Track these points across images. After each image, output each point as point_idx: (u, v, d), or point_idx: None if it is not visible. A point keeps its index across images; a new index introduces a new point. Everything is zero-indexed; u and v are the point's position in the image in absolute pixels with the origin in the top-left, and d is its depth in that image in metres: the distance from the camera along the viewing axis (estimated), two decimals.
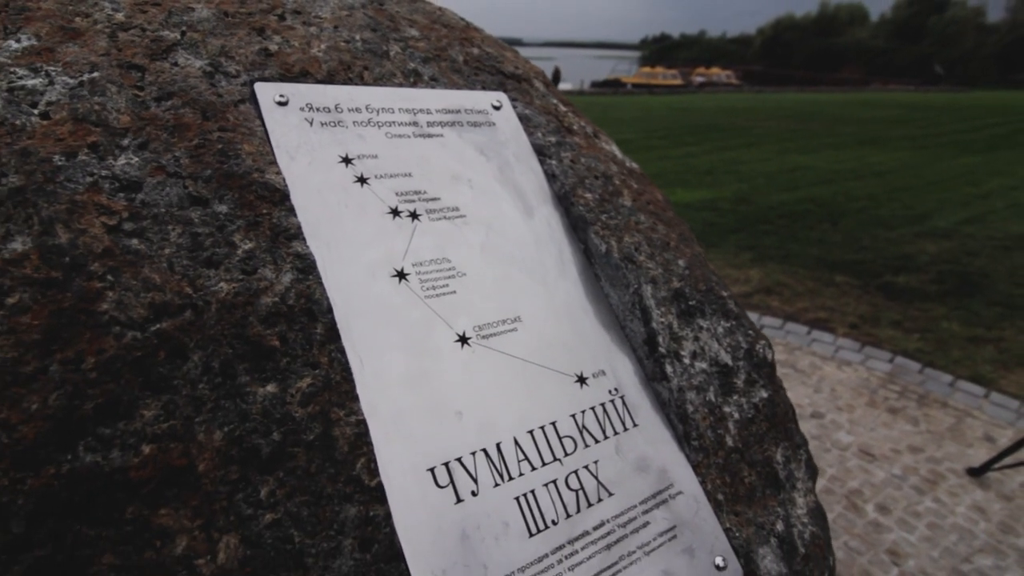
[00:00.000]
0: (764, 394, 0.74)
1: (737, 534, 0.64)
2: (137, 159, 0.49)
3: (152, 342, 0.43)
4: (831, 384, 3.90)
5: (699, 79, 41.79)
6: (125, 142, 0.50)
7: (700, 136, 14.55)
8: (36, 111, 0.49)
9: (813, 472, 0.79)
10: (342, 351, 0.50)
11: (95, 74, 0.53)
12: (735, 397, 0.71)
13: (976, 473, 3.11)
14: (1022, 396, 3.82)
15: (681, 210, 8.64)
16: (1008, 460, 3.01)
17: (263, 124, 0.59)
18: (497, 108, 0.78)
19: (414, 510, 0.48)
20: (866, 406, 3.69)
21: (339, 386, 0.48)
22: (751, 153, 12.65)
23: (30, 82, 0.50)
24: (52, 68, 0.52)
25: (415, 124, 0.69)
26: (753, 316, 4.73)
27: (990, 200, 9.06)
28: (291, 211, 0.54)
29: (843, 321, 4.90)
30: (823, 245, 6.89)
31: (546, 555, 0.52)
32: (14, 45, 0.53)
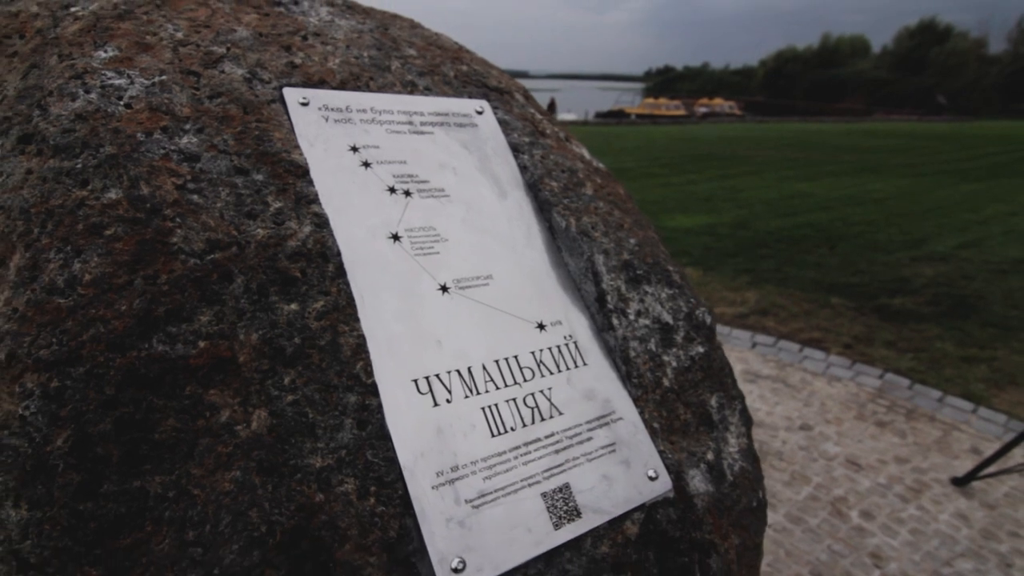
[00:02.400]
0: (701, 349, 0.88)
1: (670, 456, 0.77)
2: (196, 139, 0.65)
3: (208, 267, 0.58)
4: (821, 398, 3.99)
5: (702, 110, 42.42)
6: (187, 127, 0.66)
7: (701, 164, 14.76)
8: (122, 102, 0.65)
9: (748, 422, 0.93)
10: (348, 285, 0.65)
11: (163, 77, 0.69)
12: (674, 349, 0.85)
13: (960, 483, 3.19)
14: (1010, 412, 3.89)
15: (681, 235, 8.77)
16: (992, 469, 3.09)
17: (289, 118, 0.75)
18: (479, 113, 0.94)
19: (400, 406, 0.63)
20: (854, 419, 3.77)
21: (345, 310, 0.64)
22: (751, 181, 12.82)
23: (116, 81, 0.67)
24: (132, 72, 0.69)
25: (410, 123, 0.85)
26: (746, 334, 4.84)
27: (988, 226, 9.15)
28: (310, 183, 0.70)
29: (837, 341, 4.97)
30: (820, 269, 6.98)
31: (504, 451, 0.66)
32: (103, 55, 0.69)
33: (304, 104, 0.78)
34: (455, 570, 0.57)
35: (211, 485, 0.53)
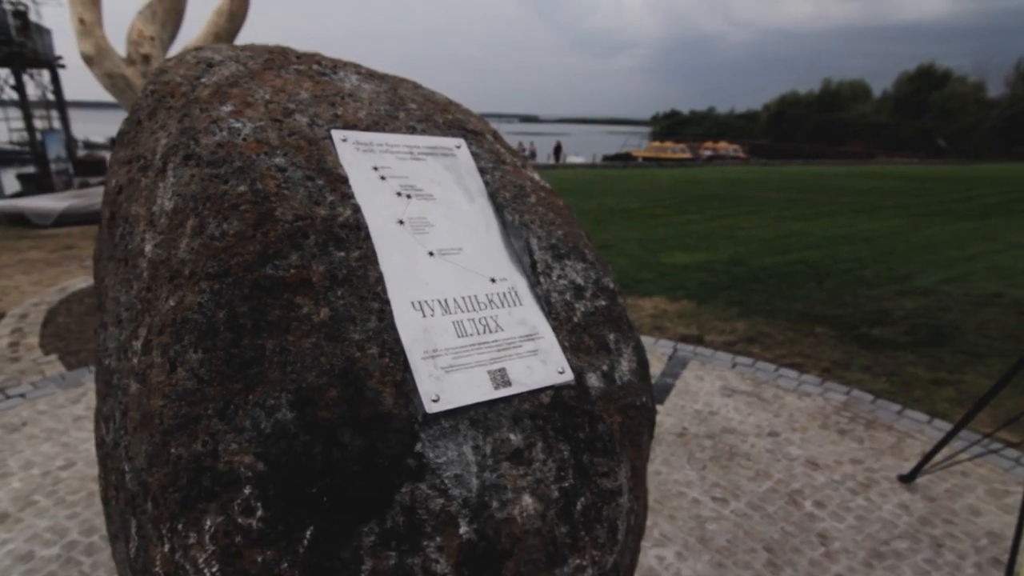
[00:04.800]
0: (603, 303, 1.34)
1: (575, 363, 1.23)
2: (283, 159, 1.14)
3: (295, 229, 1.06)
4: (790, 410, 4.36)
5: (707, 152, 43.45)
6: (278, 152, 1.15)
7: (702, 205, 15.27)
8: (240, 137, 1.14)
9: (640, 352, 1.38)
10: (372, 245, 1.13)
11: (261, 122, 1.19)
12: (583, 301, 1.31)
13: (907, 479, 3.55)
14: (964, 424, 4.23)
15: (678, 271, 9.20)
16: (937, 464, 3.45)
17: (335, 149, 1.24)
18: (458, 147, 1.44)
19: (402, 314, 1.09)
20: (819, 428, 4.14)
21: (371, 258, 1.11)
22: (749, 220, 13.28)
23: (235, 125, 1.16)
24: (243, 119, 1.18)
25: (411, 153, 1.35)
26: (728, 356, 5.23)
27: (972, 262, 9.52)
28: (349, 187, 1.19)
29: (817, 366, 5.32)
30: (807, 301, 7.35)
31: (465, 346, 1.13)
32: (225, 109, 1.19)
33: (344, 140, 1.27)
34: (433, 400, 1.03)
35: (299, 345, 0.99)
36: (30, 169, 18.18)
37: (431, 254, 1.21)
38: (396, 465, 0.98)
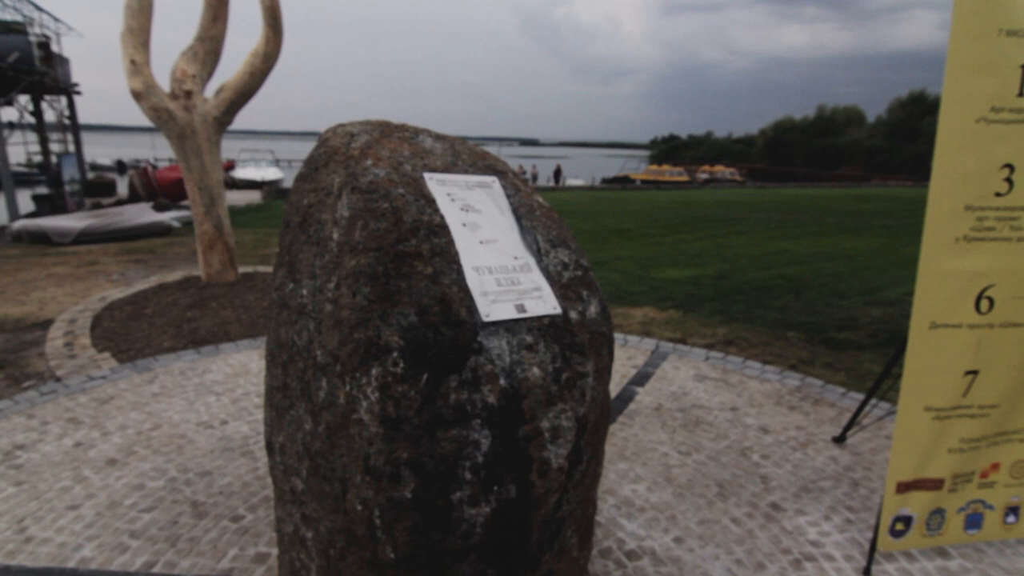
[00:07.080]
0: (579, 273, 2.36)
1: (562, 305, 2.24)
2: (403, 190, 2.17)
3: (414, 225, 2.09)
4: (750, 392, 5.34)
5: (703, 176, 44.83)
6: (399, 186, 2.18)
7: (695, 226, 16.29)
8: (380, 177, 2.17)
9: (603, 304, 2.38)
10: (452, 236, 2.14)
11: (388, 169, 2.22)
12: (568, 272, 2.33)
13: (839, 440, 4.52)
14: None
15: (668, 284, 10.18)
16: (858, 424, 4.43)
17: (427, 184, 2.27)
18: (493, 182, 2.47)
19: (468, 272, 2.12)
20: (773, 404, 5.12)
21: (451, 243, 2.14)
22: (739, 239, 14.26)
23: (375, 171, 2.19)
24: (379, 167, 2.21)
25: (466, 185, 2.38)
26: (703, 351, 6.19)
27: None
28: (437, 205, 2.21)
29: (784, 363, 6.27)
30: (783, 311, 8.32)
31: (501, 291, 2.14)
32: (367, 162, 2.22)
33: (430, 179, 2.30)
34: (486, 316, 2.04)
35: (418, 285, 2.01)
36: (44, 190, 19.31)
37: (481, 242, 2.23)
38: (467, 346, 1.97)
